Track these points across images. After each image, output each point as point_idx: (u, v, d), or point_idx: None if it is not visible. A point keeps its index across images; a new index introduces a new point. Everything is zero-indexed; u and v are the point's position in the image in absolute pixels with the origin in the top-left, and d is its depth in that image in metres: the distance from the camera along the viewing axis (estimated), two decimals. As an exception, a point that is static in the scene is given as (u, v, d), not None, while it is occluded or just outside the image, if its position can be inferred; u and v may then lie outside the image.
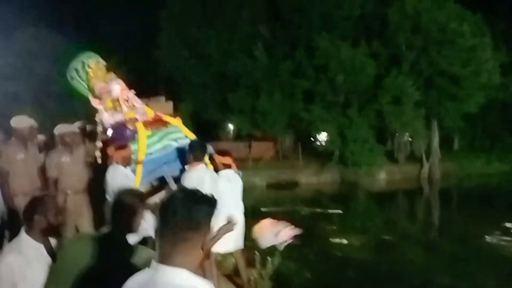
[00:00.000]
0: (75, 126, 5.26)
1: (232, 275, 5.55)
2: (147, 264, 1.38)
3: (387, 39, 23.34)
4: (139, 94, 5.44)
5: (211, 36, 26.30)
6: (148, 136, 4.57)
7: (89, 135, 5.38)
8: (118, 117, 4.74)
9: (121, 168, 4.28)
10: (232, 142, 26.82)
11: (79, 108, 19.83)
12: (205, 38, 26.39)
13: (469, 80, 22.24)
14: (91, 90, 5.03)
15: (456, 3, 22.31)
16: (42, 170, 4.93)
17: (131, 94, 5.01)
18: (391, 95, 22.87)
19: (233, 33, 26.03)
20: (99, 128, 4.91)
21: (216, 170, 4.69)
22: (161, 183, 4.75)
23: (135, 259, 2.00)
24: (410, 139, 26.83)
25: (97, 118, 4.89)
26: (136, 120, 4.68)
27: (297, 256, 7.73)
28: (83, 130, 5.45)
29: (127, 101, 4.93)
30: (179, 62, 27.21)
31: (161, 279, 1.25)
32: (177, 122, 5.01)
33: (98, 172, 5.35)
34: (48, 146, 5.38)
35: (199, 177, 4.10)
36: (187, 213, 1.27)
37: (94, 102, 4.90)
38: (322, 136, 26.43)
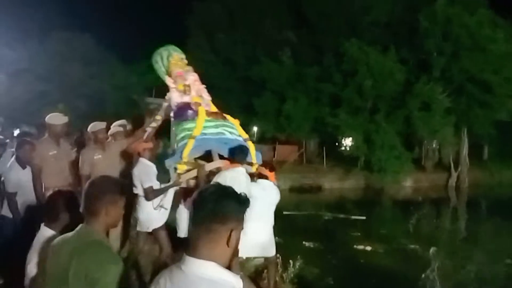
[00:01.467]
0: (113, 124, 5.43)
1: (254, 277, 5.57)
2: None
3: (417, 45, 22.96)
4: (164, 97, 5.75)
5: (238, 42, 26.55)
6: (206, 120, 4.94)
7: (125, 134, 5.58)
8: (186, 99, 5.19)
9: (143, 159, 4.60)
10: (256, 145, 26.85)
11: (109, 108, 20.43)
12: (231, 43, 26.68)
13: (502, 87, 21.60)
14: (169, 73, 5.58)
15: (488, 9, 21.73)
16: (74, 167, 5.07)
17: (201, 86, 5.51)
18: (420, 101, 22.43)
19: (260, 38, 26.22)
20: (165, 104, 5.42)
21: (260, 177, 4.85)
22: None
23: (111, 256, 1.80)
24: (438, 147, 26.25)
25: (167, 96, 5.39)
26: (200, 104, 5.11)
27: (320, 261, 7.68)
28: (124, 127, 5.65)
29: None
30: (205, 66, 27.64)
31: (191, 271, 1.28)
32: (235, 121, 5.38)
33: (130, 169, 5.51)
34: (80, 144, 5.55)
35: (235, 177, 4.27)
36: (215, 205, 1.31)
37: (169, 81, 5.40)
38: (347, 141, 26.17)
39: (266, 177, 4.85)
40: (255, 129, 29.39)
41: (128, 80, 23.29)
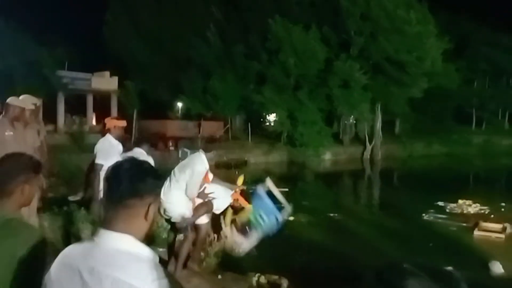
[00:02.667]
0: (25, 101, 4.93)
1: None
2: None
3: (338, 25, 23.72)
4: (85, 69, 5.38)
5: (163, 18, 25.55)
6: None
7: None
8: None
9: (109, 136, 5.03)
10: (181, 121, 26.40)
11: (19, 85, 18.50)
12: (156, 19, 25.60)
13: (414, 66, 23.18)
14: None
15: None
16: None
17: None
18: (340, 79, 23.40)
19: (186, 15, 25.44)
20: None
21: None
22: None
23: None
24: (354, 122, 27.77)
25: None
26: None
27: (244, 234, 7.75)
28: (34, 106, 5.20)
29: None
30: (127, 41, 26.27)
31: (106, 244, 1.25)
32: None
33: (42, 151, 5.16)
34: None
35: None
36: (132, 183, 1.29)
37: None
38: (272, 117, 26.69)
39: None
40: (179, 105, 28.74)
41: (39, 54, 21.34)
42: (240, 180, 5.85)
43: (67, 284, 1.24)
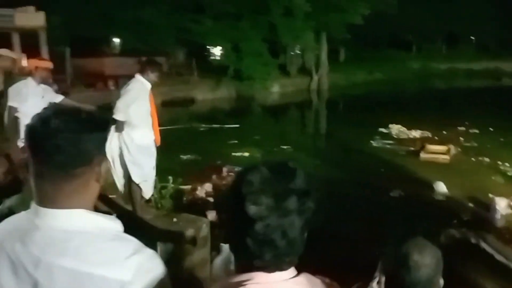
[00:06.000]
0: None
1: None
2: None
3: None
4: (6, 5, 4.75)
5: None
6: None
7: None
8: None
9: (29, 79, 4.67)
10: (119, 58, 24.79)
11: None
12: None
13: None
14: None
15: None
16: None
17: None
18: (282, 6, 22.59)
19: None
20: None
21: None
22: None
23: None
24: (301, 52, 27.49)
25: None
26: None
27: (200, 173, 7.61)
28: None
29: None
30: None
31: (50, 226, 0.93)
32: None
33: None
34: None
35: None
36: (77, 148, 0.93)
37: None
38: (217, 51, 25.68)
39: None
40: (116, 41, 26.79)
41: None
42: None
43: (6, 279, 0.92)
